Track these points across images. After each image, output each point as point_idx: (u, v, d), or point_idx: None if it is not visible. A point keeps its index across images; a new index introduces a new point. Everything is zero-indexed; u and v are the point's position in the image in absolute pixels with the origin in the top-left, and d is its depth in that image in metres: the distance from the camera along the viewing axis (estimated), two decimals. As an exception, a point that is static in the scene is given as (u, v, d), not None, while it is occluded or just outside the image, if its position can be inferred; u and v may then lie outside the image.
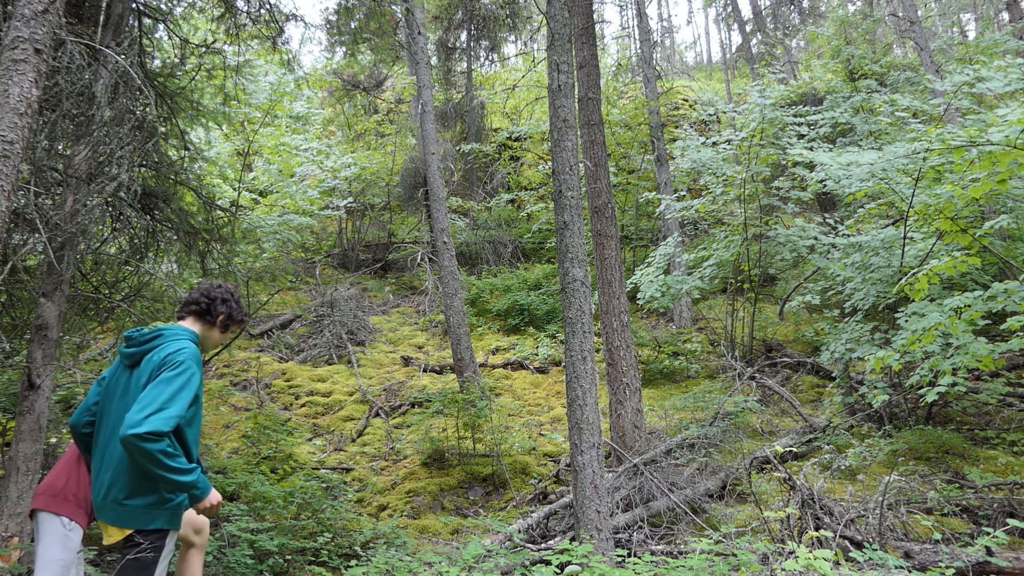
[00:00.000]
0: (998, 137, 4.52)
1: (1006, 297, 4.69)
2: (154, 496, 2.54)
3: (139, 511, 2.52)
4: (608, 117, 13.51)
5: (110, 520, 2.53)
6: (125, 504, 2.52)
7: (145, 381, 2.55)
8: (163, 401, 2.42)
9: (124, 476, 2.53)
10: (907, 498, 5.26)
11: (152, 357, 2.61)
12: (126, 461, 2.52)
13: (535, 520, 5.47)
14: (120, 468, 2.54)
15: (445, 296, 9.05)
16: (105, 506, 2.54)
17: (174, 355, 2.56)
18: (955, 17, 21.97)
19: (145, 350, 2.67)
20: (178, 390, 2.48)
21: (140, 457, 2.37)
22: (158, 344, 2.65)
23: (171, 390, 2.46)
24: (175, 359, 2.55)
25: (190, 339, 2.72)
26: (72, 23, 4.75)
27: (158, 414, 2.38)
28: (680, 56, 37.70)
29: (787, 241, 8.83)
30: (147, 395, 2.44)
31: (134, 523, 2.51)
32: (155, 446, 2.35)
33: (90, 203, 4.41)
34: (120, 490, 2.53)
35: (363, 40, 7.81)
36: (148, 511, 2.53)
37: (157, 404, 2.41)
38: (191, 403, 2.52)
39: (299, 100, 14.08)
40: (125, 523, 2.52)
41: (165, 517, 2.57)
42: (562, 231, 4.86)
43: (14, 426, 4.21)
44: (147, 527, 2.53)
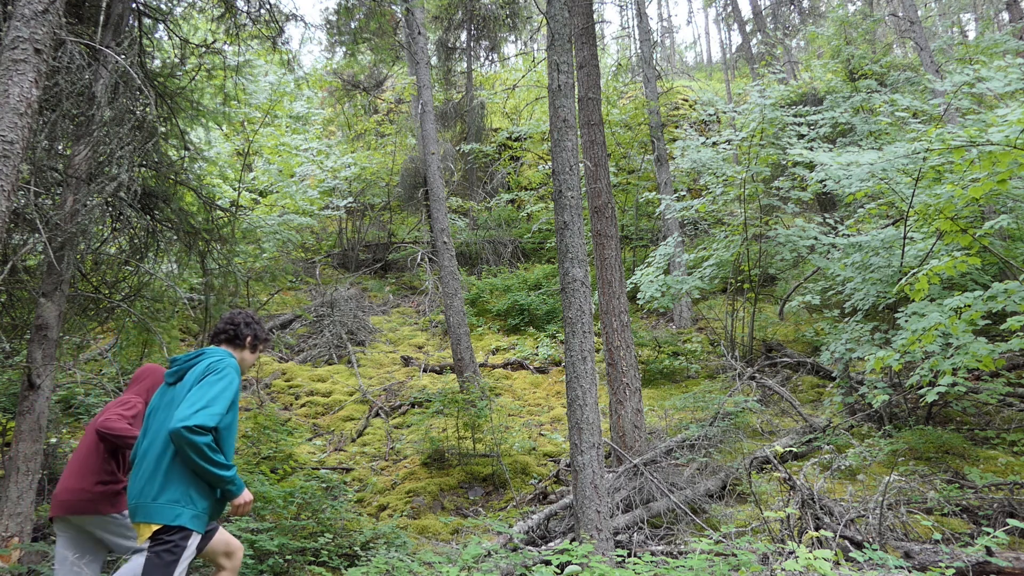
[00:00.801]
0: (998, 137, 4.52)
1: (1006, 297, 4.69)
2: (179, 493, 2.71)
3: (165, 507, 2.69)
4: (608, 117, 13.51)
5: (142, 518, 2.72)
6: (154, 501, 2.70)
7: (191, 386, 2.81)
8: (208, 399, 2.69)
9: (156, 476, 2.72)
10: (907, 498, 5.26)
11: (195, 369, 2.89)
12: (159, 463, 2.74)
13: (535, 522, 5.47)
14: (154, 469, 2.74)
15: (445, 296, 9.05)
16: (139, 507, 2.74)
17: (216, 363, 2.86)
18: (955, 17, 21.97)
19: (188, 366, 2.94)
20: (221, 391, 2.76)
21: (187, 448, 2.63)
22: (200, 359, 2.94)
23: (215, 391, 2.74)
24: (217, 366, 2.85)
25: (229, 355, 3.01)
26: (72, 23, 4.75)
27: (204, 410, 2.65)
28: (680, 56, 37.71)
29: (787, 241, 8.83)
30: (193, 395, 2.72)
31: (160, 518, 2.68)
32: (201, 439, 2.62)
33: (90, 203, 4.41)
34: (151, 489, 2.72)
35: (363, 40, 7.81)
36: (172, 507, 2.70)
37: (203, 402, 2.68)
38: (230, 405, 2.79)
39: (299, 100, 14.08)
40: (152, 518, 2.69)
41: (188, 516, 2.72)
42: (562, 231, 4.86)
43: (14, 426, 4.21)
44: (171, 523, 2.68)
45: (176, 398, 2.84)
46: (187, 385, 2.83)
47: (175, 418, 2.63)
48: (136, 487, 2.76)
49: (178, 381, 2.94)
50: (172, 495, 2.71)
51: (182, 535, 2.72)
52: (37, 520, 4.66)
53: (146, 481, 2.73)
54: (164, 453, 2.74)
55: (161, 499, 2.70)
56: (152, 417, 2.93)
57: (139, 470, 2.79)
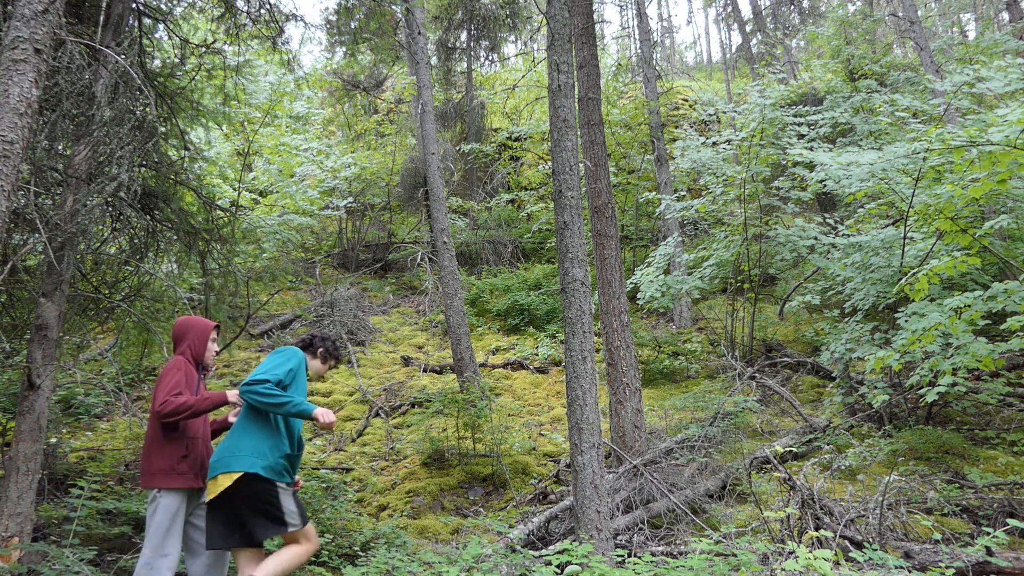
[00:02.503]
0: (998, 137, 4.52)
1: (1006, 297, 4.69)
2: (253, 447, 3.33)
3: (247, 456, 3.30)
4: (608, 117, 13.51)
5: (223, 469, 3.29)
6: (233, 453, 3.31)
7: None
8: (267, 368, 3.42)
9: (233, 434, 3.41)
10: (907, 498, 5.26)
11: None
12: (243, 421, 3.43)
13: (536, 524, 5.47)
14: (232, 436, 3.40)
15: (445, 296, 9.05)
16: (219, 460, 3.33)
17: (283, 350, 3.59)
18: (955, 17, 21.97)
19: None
20: (279, 363, 3.47)
21: (250, 397, 3.29)
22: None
23: (274, 362, 3.48)
24: (283, 351, 3.58)
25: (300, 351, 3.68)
26: (72, 23, 4.75)
27: (262, 373, 3.37)
28: (680, 56, 37.71)
29: (787, 241, 8.83)
30: (258, 368, 3.46)
31: (243, 466, 3.27)
32: (258, 387, 3.29)
33: (90, 203, 4.41)
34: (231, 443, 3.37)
35: (363, 40, 7.81)
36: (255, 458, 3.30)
37: (263, 368, 3.42)
38: (287, 373, 3.45)
39: (299, 100, 14.08)
40: (236, 466, 3.27)
41: (263, 465, 3.30)
42: (562, 231, 4.86)
43: (14, 426, 4.21)
44: (252, 470, 3.26)
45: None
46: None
47: (249, 378, 3.33)
48: (218, 449, 3.40)
49: None
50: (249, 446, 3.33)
51: (262, 481, 3.29)
52: (37, 520, 4.66)
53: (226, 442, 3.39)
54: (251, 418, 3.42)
55: (239, 450, 3.31)
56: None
57: (229, 434, 3.46)
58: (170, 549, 3.41)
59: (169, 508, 3.44)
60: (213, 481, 3.32)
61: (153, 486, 3.46)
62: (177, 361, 3.61)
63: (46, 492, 5.41)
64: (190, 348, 3.71)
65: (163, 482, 3.45)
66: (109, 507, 4.77)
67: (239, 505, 3.29)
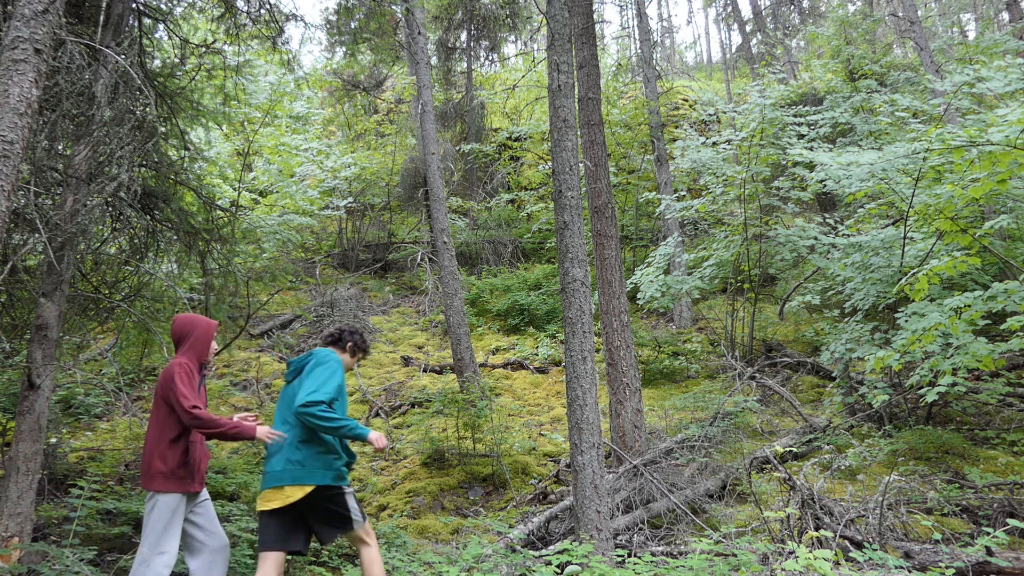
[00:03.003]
0: (998, 137, 4.52)
1: (1006, 297, 4.69)
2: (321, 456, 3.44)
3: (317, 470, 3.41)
4: (608, 117, 13.51)
5: (292, 481, 3.37)
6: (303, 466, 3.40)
7: (304, 377, 3.52)
8: (317, 384, 3.42)
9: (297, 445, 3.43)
10: (907, 498, 5.26)
11: (308, 364, 3.61)
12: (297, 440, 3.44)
13: (536, 524, 5.46)
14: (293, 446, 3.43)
15: (445, 296, 9.05)
16: (285, 472, 3.40)
17: (323, 357, 3.59)
18: (955, 17, 21.96)
19: (302, 365, 3.65)
20: (328, 378, 3.48)
21: (307, 419, 3.34)
22: (311, 358, 3.64)
23: (323, 377, 3.46)
24: (324, 359, 3.58)
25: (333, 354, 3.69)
26: (72, 23, 4.75)
27: (315, 392, 3.38)
28: (680, 56, 37.71)
29: (787, 241, 8.83)
30: (307, 382, 3.45)
31: (315, 480, 3.39)
32: (315, 408, 3.32)
33: (90, 203, 4.41)
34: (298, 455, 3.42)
35: (363, 40, 7.81)
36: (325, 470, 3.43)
37: (314, 386, 3.41)
38: (336, 388, 3.49)
39: (299, 100, 14.08)
40: (308, 480, 3.38)
41: (332, 476, 3.44)
42: (562, 231, 4.86)
43: (14, 426, 4.21)
44: (324, 483, 3.40)
45: (296, 389, 3.52)
46: (305, 378, 3.52)
47: (296, 401, 3.36)
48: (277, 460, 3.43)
49: (295, 378, 3.64)
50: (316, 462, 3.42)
51: (334, 490, 3.44)
52: (37, 520, 4.66)
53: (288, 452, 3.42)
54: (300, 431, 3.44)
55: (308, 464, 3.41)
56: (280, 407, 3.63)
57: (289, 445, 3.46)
58: (167, 547, 3.41)
59: (167, 506, 3.44)
60: (277, 491, 3.38)
61: (152, 489, 3.46)
62: (182, 364, 3.58)
63: (46, 492, 5.41)
64: (193, 348, 3.67)
65: (162, 486, 3.45)
66: (109, 507, 4.77)
67: (309, 514, 3.46)
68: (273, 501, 3.40)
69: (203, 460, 3.66)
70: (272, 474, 3.42)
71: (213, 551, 3.60)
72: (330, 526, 3.47)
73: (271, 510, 3.43)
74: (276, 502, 3.39)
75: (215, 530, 3.66)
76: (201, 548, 3.58)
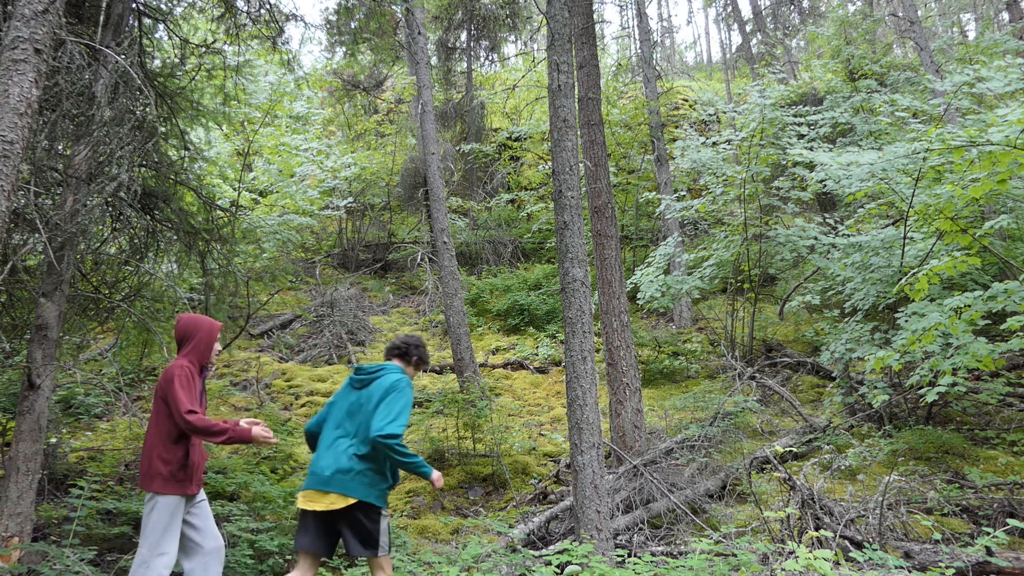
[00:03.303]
0: (998, 137, 4.52)
1: (1006, 297, 4.69)
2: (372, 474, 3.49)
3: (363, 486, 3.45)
4: (608, 117, 13.50)
5: (339, 490, 3.42)
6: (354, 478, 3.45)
7: (379, 398, 3.54)
8: (395, 414, 3.47)
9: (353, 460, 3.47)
10: (907, 498, 5.26)
11: (381, 382, 3.62)
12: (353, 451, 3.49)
13: (536, 525, 5.46)
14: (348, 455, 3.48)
15: (445, 296, 9.05)
16: (334, 479, 3.44)
17: (398, 382, 3.60)
18: (955, 17, 21.96)
19: (374, 377, 3.68)
20: (404, 407, 3.52)
21: (386, 451, 3.40)
22: (383, 373, 3.68)
23: (399, 407, 3.50)
24: (399, 385, 3.58)
25: (402, 372, 3.74)
26: (72, 23, 4.75)
27: (394, 422, 3.43)
28: (680, 56, 37.71)
29: (787, 241, 8.83)
30: (384, 409, 3.48)
31: (359, 494, 3.43)
32: (394, 442, 3.39)
33: (90, 203, 4.41)
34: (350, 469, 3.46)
35: (363, 40, 7.80)
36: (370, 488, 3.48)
37: (392, 415, 3.45)
38: (408, 419, 3.56)
39: (299, 100, 14.08)
40: (352, 493, 3.43)
41: (376, 495, 3.47)
42: (562, 231, 4.86)
43: (14, 426, 4.21)
44: (367, 499, 3.44)
45: (364, 403, 3.59)
46: (375, 395, 3.57)
47: (373, 428, 3.41)
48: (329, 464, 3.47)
49: (363, 387, 3.68)
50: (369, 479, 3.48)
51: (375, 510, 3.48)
52: (37, 520, 4.66)
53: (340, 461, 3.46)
54: (360, 445, 3.50)
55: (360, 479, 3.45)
56: (334, 411, 3.68)
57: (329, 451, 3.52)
58: (167, 548, 3.41)
59: (167, 507, 3.44)
60: (322, 494, 3.44)
61: (151, 490, 3.45)
62: (183, 367, 3.56)
63: (46, 492, 5.41)
64: (196, 350, 3.66)
65: (161, 488, 3.45)
66: (109, 507, 4.77)
67: (345, 524, 3.51)
68: (316, 503, 3.47)
69: (201, 462, 3.67)
70: (320, 477, 3.47)
71: (208, 552, 3.60)
72: (359, 543, 3.52)
73: (312, 511, 3.51)
74: (319, 505, 3.47)
75: (211, 531, 3.66)
76: (196, 549, 3.58)
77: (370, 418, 3.49)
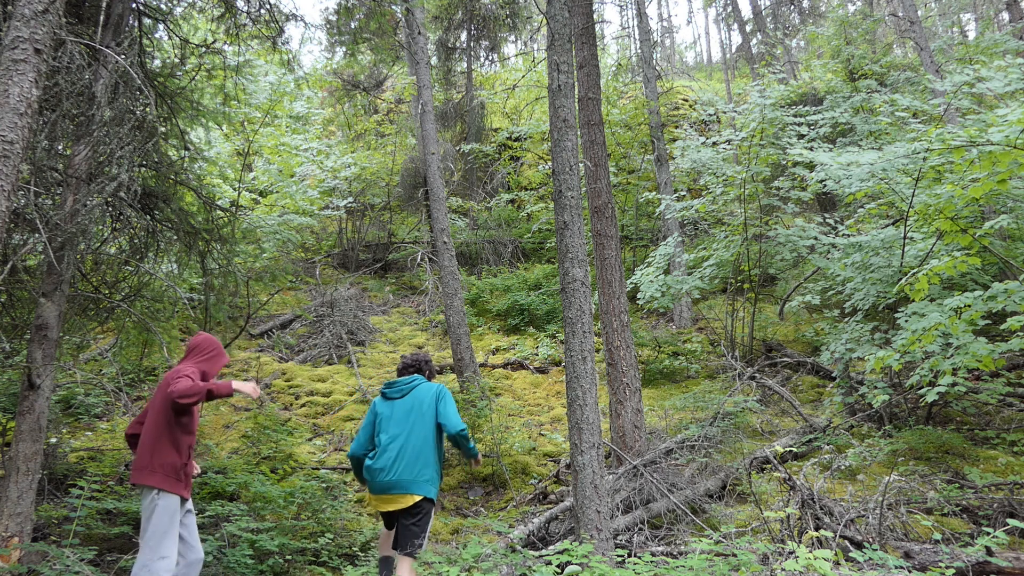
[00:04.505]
0: (998, 137, 4.52)
1: (1006, 297, 4.69)
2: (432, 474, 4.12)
3: (426, 484, 4.06)
4: (608, 117, 13.50)
5: (406, 491, 4.00)
6: (418, 480, 4.03)
7: (432, 401, 4.24)
8: (455, 412, 4.25)
9: (418, 462, 4.06)
10: (907, 498, 5.26)
11: (426, 389, 4.31)
12: (419, 452, 4.09)
13: (536, 525, 5.46)
14: (414, 456, 4.06)
15: (445, 296, 9.05)
16: (401, 482, 4.01)
17: (442, 388, 4.34)
18: (955, 17, 21.95)
19: (413, 387, 4.32)
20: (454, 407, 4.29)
21: (463, 441, 4.20)
22: (420, 382, 4.36)
23: (454, 407, 4.28)
24: (443, 389, 4.33)
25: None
26: (72, 23, 4.75)
27: (458, 418, 4.23)
28: (680, 56, 37.71)
29: (787, 241, 8.83)
30: (446, 410, 4.22)
31: (423, 492, 4.03)
32: (467, 433, 4.23)
33: (90, 203, 4.41)
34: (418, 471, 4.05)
35: (363, 40, 7.80)
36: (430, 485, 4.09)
37: (455, 414, 4.23)
38: None
39: (299, 100, 14.08)
40: (418, 491, 4.02)
41: (434, 490, 4.11)
42: (562, 231, 4.86)
43: (14, 426, 4.21)
44: (428, 495, 4.05)
45: (414, 408, 4.20)
46: (425, 400, 4.22)
47: (448, 426, 4.15)
48: (398, 468, 4.03)
49: (403, 396, 4.27)
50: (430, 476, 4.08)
51: (432, 503, 4.10)
52: (37, 520, 4.66)
53: (409, 464, 4.04)
54: (423, 447, 4.10)
55: (423, 478, 4.04)
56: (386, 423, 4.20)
57: (397, 457, 4.06)
58: (168, 551, 3.43)
59: (168, 510, 3.46)
60: (402, 496, 4.00)
61: (155, 485, 3.47)
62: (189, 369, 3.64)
63: (46, 492, 5.41)
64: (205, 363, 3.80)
65: (166, 484, 3.48)
66: (109, 507, 4.77)
67: (406, 518, 4.01)
68: (393, 505, 4.04)
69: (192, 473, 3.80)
70: (390, 481, 4.01)
71: (189, 563, 3.71)
72: (409, 535, 3.99)
73: (388, 512, 4.13)
74: (393, 506, 4.04)
75: (194, 543, 3.76)
76: (179, 560, 3.65)
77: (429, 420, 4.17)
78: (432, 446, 4.13)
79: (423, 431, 4.12)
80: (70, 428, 7.46)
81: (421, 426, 4.12)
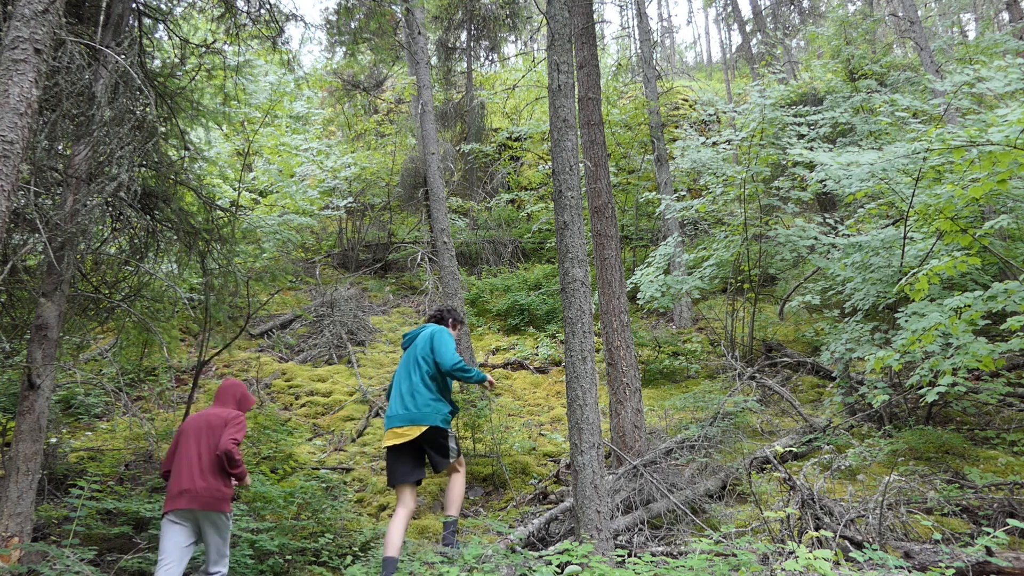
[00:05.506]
0: (998, 137, 4.52)
1: (1006, 297, 4.69)
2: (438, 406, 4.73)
3: (431, 414, 4.66)
4: (608, 117, 13.51)
5: (411, 423, 4.64)
6: (421, 411, 4.65)
7: (427, 342, 4.87)
8: (451, 349, 4.81)
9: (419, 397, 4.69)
10: (907, 498, 5.26)
11: (424, 333, 4.97)
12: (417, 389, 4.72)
13: (536, 526, 5.46)
14: (413, 393, 4.71)
15: (445, 296, 9.05)
16: (405, 415, 4.66)
17: (438, 329, 4.95)
18: (955, 17, 21.95)
19: (417, 333, 5.06)
20: (450, 342, 4.88)
21: (458, 373, 4.74)
22: (423, 328, 5.05)
23: (448, 343, 4.85)
24: (440, 330, 4.92)
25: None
26: (72, 23, 4.75)
27: (452, 353, 4.78)
28: (680, 56, 37.71)
29: (787, 241, 8.83)
30: (440, 348, 4.79)
31: (429, 422, 4.64)
32: (460, 365, 4.73)
33: (90, 203, 4.41)
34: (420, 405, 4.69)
35: (363, 40, 7.80)
36: (435, 415, 4.68)
37: (448, 349, 4.79)
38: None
39: (299, 100, 14.08)
40: (423, 422, 4.63)
41: (439, 419, 4.69)
42: (562, 231, 4.86)
43: (14, 426, 4.21)
44: (435, 424, 4.65)
45: (417, 351, 4.86)
46: (421, 343, 4.89)
47: (444, 362, 4.73)
48: (407, 403, 4.69)
49: (410, 343, 5.00)
50: (432, 408, 4.68)
51: (443, 432, 4.72)
52: (37, 520, 4.66)
53: (410, 400, 4.69)
54: (421, 383, 4.74)
55: (425, 410, 4.64)
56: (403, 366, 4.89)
57: (407, 393, 4.73)
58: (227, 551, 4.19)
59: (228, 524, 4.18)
60: (407, 428, 4.59)
61: (224, 511, 4.09)
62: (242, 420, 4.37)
63: (46, 492, 5.41)
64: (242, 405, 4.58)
65: (229, 508, 4.14)
66: (109, 507, 4.77)
67: (427, 446, 4.67)
68: (402, 437, 4.59)
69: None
70: (402, 415, 4.63)
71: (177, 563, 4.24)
72: (438, 456, 4.68)
73: (395, 446, 4.64)
74: (399, 439, 4.59)
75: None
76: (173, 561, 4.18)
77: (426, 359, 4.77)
78: (430, 382, 4.74)
79: (421, 370, 4.76)
80: (70, 428, 7.46)
81: (418, 365, 4.77)
